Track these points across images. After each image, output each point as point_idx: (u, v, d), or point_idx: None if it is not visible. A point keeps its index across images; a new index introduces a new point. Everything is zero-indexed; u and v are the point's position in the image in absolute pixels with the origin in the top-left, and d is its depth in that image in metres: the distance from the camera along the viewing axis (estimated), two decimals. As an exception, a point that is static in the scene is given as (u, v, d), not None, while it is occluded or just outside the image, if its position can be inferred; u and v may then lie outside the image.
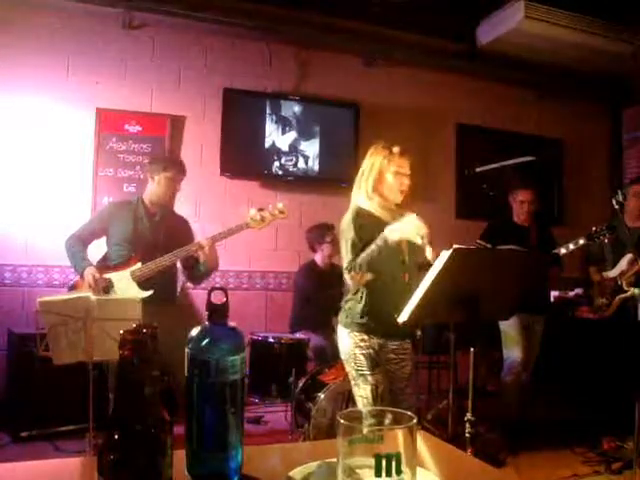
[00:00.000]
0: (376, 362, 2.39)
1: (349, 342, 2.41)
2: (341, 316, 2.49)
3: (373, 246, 2.28)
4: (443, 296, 2.14)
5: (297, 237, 4.54)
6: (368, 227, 2.36)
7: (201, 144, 4.55)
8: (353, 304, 2.44)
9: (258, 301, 4.68)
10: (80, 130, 4.23)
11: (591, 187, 5.74)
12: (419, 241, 2.28)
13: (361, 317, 2.39)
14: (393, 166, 2.41)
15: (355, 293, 2.44)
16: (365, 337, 2.39)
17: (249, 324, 4.10)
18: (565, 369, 4.22)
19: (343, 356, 2.46)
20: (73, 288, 3.19)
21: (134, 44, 4.40)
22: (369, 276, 2.33)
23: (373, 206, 2.43)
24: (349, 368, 2.43)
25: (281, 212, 3.17)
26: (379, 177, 2.42)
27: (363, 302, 2.39)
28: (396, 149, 2.44)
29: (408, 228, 2.27)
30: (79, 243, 3.21)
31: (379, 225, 2.34)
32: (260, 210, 3.14)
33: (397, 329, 2.34)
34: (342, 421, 0.64)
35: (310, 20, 4.58)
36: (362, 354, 2.38)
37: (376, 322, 2.38)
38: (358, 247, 2.33)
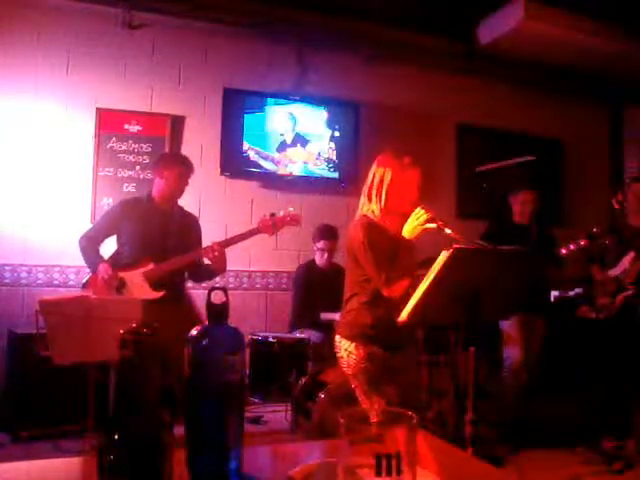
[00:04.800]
0: (389, 373, 2.33)
1: (357, 355, 2.31)
2: (344, 327, 2.40)
3: (400, 257, 2.27)
4: (443, 296, 2.14)
5: (297, 237, 4.53)
6: (381, 243, 2.31)
7: (201, 144, 4.55)
8: (360, 315, 2.35)
9: (258, 301, 4.68)
10: (80, 130, 4.23)
11: (591, 187, 5.73)
12: (432, 225, 2.29)
13: (371, 328, 2.31)
14: (405, 179, 2.36)
15: (364, 303, 2.35)
16: (376, 349, 2.32)
17: (249, 324, 4.11)
18: (566, 369, 4.22)
19: (351, 371, 2.33)
20: (86, 285, 3.19)
21: (134, 44, 4.39)
22: (407, 281, 2.28)
23: (384, 220, 2.37)
24: (359, 383, 2.32)
25: (293, 220, 3.15)
26: (391, 190, 2.35)
27: (373, 313, 2.32)
28: (407, 161, 2.39)
29: (414, 222, 2.29)
30: (91, 242, 3.21)
31: (390, 240, 2.33)
32: (272, 215, 3.12)
33: (402, 337, 2.33)
34: (342, 421, 0.64)
35: (310, 20, 4.58)
36: (376, 367, 2.30)
37: (386, 333, 2.30)
38: (378, 262, 2.27)
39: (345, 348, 2.36)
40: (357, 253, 2.33)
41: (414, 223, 2.29)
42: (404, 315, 2.16)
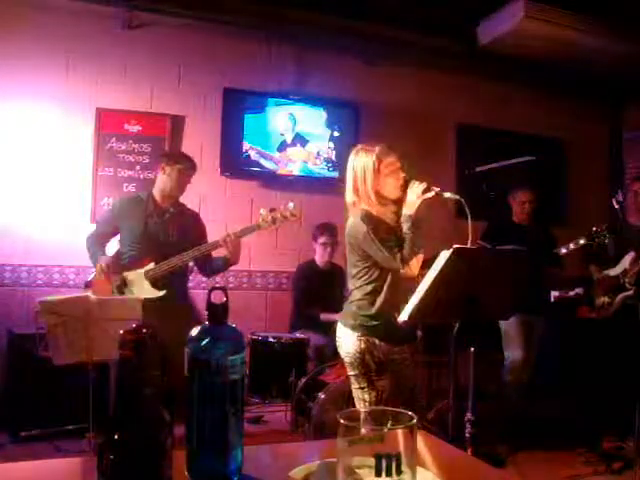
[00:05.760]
0: (384, 367, 2.36)
1: (357, 345, 2.33)
2: (346, 317, 2.42)
3: (405, 233, 2.31)
4: (443, 296, 2.14)
5: (297, 237, 4.54)
6: (381, 231, 2.33)
7: (201, 144, 4.55)
8: (363, 306, 2.37)
9: (258, 301, 4.68)
10: (80, 130, 4.23)
11: (591, 187, 5.73)
12: (431, 194, 2.37)
13: (373, 320, 2.34)
14: (384, 166, 2.36)
15: (365, 295, 2.37)
16: (376, 341, 2.34)
17: (249, 324, 4.10)
18: (565, 369, 4.22)
19: (348, 359, 2.37)
20: (89, 286, 3.18)
21: (134, 44, 4.39)
22: (421, 256, 2.35)
23: (377, 209, 2.38)
24: (354, 371, 2.36)
25: (292, 215, 3.13)
26: (375, 179, 2.36)
27: (376, 305, 2.34)
28: (378, 148, 2.38)
29: (413, 196, 2.34)
30: (96, 242, 3.24)
31: (386, 227, 2.35)
32: (272, 211, 3.11)
33: (404, 332, 2.34)
34: (342, 421, 0.64)
35: (310, 20, 4.58)
36: (372, 359, 2.32)
37: (387, 326, 2.32)
38: (391, 246, 2.30)
39: (346, 337, 2.38)
40: (363, 244, 2.33)
41: (413, 197, 2.34)
42: (404, 315, 2.16)
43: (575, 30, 4.52)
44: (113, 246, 3.33)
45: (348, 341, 2.37)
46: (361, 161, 2.40)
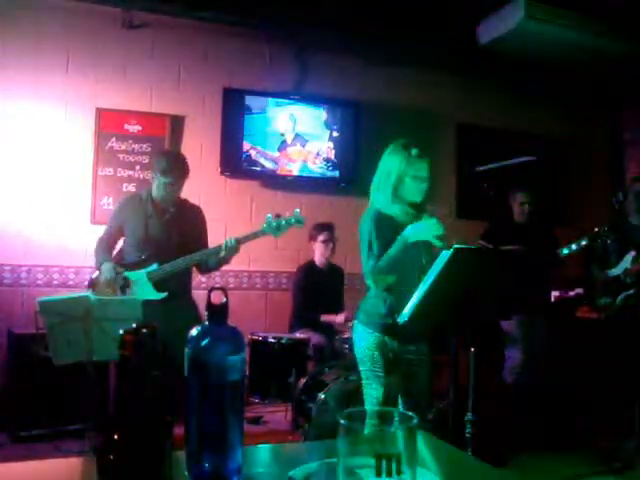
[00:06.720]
0: (393, 365, 2.36)
1: (368, 341, 2.37)
2: (360, 313, 2.46)
3: (392, 249, 2.27)
4: (443, 296, 2.14)
5: (297, 237, 4.52)
6: (387, 232, 2.32)
7: (201, 144, 4.55)
8: (376, 304, 2.39)
9: (258, 301, 4.68)
10: (80, 130, 4.23)
11: (591, 187, 5.73)
12: (437, 243, 2.29)
13: (384, 318, 2.35)
14: (412, 170, 2.37)
15: (378, 292, 2.39)
16: (386, 339, 2.36)
17: (249, 324, 4.10)
18: (566, 369, 4.22)
19: (359, 354, 2.41)
20: (92, 285, 3.17)
21: (134, 44, 4.39)
22: (391, 279, 2.32)
23: (393, 211, 2.38)
24: (364, 367, 2.39)
25: (298, 221, 3.11)
26: (398, 180, 2.38)
27: (387, 303, 2.35)
28: (414, 152, 2.39)
29: (425, 229, 2.29)
30: (102, 242, 3.22)
31: (398, 230, 2.32)
32: (277, 217, 3.10)
33: (418, 331, 2.34)
34: (342, 421, 0.64)
35: (310, 20, 4.57)
36: (381, 355, 2.35)
37: (400, 325, 2.29)
38: (379, 251, 2.30)
39: (359, 333, 2.42)
40: (360, 237, 2.39)
41: (424, 229, 2.29)
42: (405, 315, 2.16)
43: (575, 30, 4.52)
44: (118, 246, 3.32)
45: (360, 336, 2.41)
46: (391, 159, 2.42)
